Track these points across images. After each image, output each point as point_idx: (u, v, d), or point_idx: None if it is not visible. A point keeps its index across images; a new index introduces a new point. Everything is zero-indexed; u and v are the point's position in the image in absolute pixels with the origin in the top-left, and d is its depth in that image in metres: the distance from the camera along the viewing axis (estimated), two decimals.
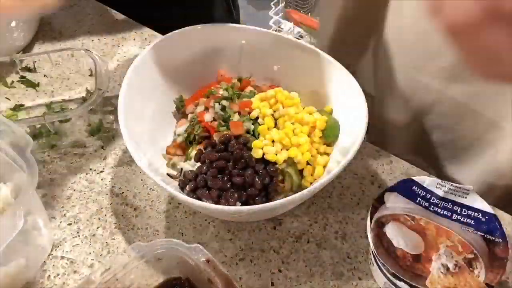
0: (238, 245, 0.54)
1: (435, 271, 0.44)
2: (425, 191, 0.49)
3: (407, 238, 0.46)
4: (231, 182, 0.51)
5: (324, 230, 0.55)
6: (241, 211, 0.47)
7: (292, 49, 0.59)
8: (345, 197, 0.58)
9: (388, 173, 0.61)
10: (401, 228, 0.47)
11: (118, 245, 0.54)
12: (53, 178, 0.61)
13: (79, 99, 0.69)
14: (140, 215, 0.57)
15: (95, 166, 0.62)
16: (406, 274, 0.44)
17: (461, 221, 0.47)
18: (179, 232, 0.55)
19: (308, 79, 0.60)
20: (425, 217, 0.48)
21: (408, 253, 0.45)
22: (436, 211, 0.48)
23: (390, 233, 0.47)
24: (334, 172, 0.47)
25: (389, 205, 0.49)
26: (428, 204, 0.49)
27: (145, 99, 0.56)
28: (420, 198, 0.49)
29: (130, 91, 0.54)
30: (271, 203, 0.46)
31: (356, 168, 0.61)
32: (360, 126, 0.51)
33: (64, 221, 0.56)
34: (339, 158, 0.53)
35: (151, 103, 0.58)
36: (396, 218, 0.48)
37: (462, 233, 0.46)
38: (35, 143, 0.62)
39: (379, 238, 0.47)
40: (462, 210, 0.48)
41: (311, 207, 0.57)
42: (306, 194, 0.46)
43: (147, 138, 0.55)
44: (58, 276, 0.52)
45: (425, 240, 0.46)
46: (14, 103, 0.67)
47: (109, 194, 0.59)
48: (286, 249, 0.54)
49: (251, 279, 0.51)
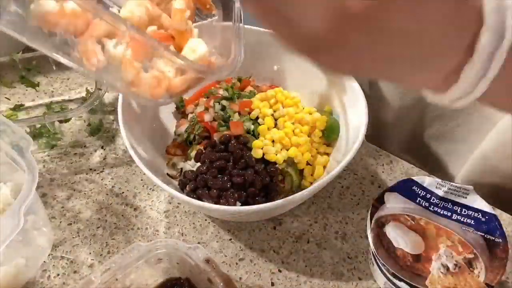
0: (238, 245, 0.54)
1: (435, 271, 0.44)
2: (425, 191, 0.49)
3: (407, 238, 0.46)
4: (231, 182, 0.51)
5: (324, 230, 0.55)
6: (241, 211, 0.47)
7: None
8: (345, 197, 0.58)
9: (388, 173, 0.61)
10: (401, 228, 0.47)
11: (118, 245, 0.54)
12: (53, 178, 0.61)
13: (79, 99, 0.69)
14: (140, 215, 0.57)
15: (95, 166, 0.62)
16: (406, 274, 0.44)
17: (461, 221, 0.47)
18: (179, 232, 0.55)
19: (308, 79, 0.60)
20: (425, 217, 0.48)
21: (408, 253, 0.45)
22: (436, 211, 0.48)
23: (390, 233, 0.47)
24: (334, 172, 0.47)
25: (389, 205, 0.49)
26: (428, 204, 0.49)
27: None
28: (420, 198, 0.49)
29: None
30: (271, 203, 0.46)
31: (356, 168, 0.61)
32: (360, 126, 0.51)
33: (64, 221, 0.56)
34: (339, 158, 0.53)
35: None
36: (396, 218, 0.48)
37: (462, 233, 0.46)
38: (35, 143, 0.62)
39: (379, 238, 0.47)
40: (462, 210, 0.48)
41: (311, 207, 0.57)
42: (306, 194, 0.46)
43: (147, 138, 0.55)
44: (58, 276, 0.52)
45: (425, 240, 0.46)
46: (14, 103, 0.68)
47: (109, 194, 0.59)
48: (286, 249, 0.54)
49: (251, 279, 0.51)
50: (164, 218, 0.57)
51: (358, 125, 0.51)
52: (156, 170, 0.53)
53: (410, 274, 0.44)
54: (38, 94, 0.69)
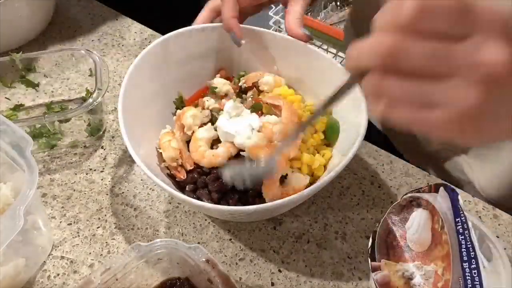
0: (238, 245, 0.54)
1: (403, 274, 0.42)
2: (465, 220, 0.43)
3: (423, 232, 0.44)
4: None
5: (324, 230, 0.55)
6: (242, 211, 0.47)
7: (291, 49, 0.59)
8: (345, 197, 0.58)
9: (388, 173, 0.61)
10: (427, 221, 0.44)
11: (118, 245, 0.54)
12: (53, 178, 0.61)
13: (79, 99, 0.69)
14: (140, 215, 0.57)
15: (95, 166, 0.62)
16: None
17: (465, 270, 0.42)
18: (179, 232, 0.55)
19: (308, 79, 0.60)
20: (451, 238, 0.43)
21: (405, 242, 0.44)
22: (460, 242, 0.42)
23: (415, 217, 0.44)
24: (333, 173, 0.47)
25: (439, 198, 0.45)
26: (462, 231, 0.43)
27: (145, 99, 0.56)
28: (461, 220, 0.43)
29: (130, 91, 0.54)
30: (271, 203, 0.46)
31: (356, 168, 0.61)
32: (360, 126, 0.51)
33: (64, 221, 0.56)
34: (339, 158, 0.53)
35: (151, 103, 0.58)
36: (433, 213, 0.44)
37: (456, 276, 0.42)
38: (35, 143, 0.62)
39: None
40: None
41: (311, 207, 0.57)
42: (306, 194, 0.46)
43: (147, 138, 0.55)
44: (58, 276, 0.52)
45: (430, 249, 0.44)
46: (14, 103, 0.68)
47: (109, 194, 0.59)
48: (286, 249, 0.54)
49: (251, 279, 0.51)
50: (164, 218, 0.57)
51: (358, 125, 0.51)
52: (155, 170, 0.53)
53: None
54: (38, 94, 0.69)
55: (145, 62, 0.57)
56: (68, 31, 0.80)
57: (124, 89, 0.53)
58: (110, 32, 0.80)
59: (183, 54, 0.60)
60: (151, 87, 0.58)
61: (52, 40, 0.79)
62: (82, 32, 0.80)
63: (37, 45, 0.77)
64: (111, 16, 0.83)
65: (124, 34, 0.80)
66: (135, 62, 0.56)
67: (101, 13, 0.84)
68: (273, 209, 0.50)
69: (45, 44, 0.78)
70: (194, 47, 0.60)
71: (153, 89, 0.58)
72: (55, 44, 0.78)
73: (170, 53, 0.59)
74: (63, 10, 0.84)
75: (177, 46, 0.59)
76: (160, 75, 0.58)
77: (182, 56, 0.60)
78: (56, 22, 0.81)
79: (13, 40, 0.74)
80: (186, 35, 0.59)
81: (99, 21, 0.82)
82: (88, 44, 0.78)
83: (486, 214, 0.57)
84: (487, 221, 0.56)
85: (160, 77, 0.59)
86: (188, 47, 0.60)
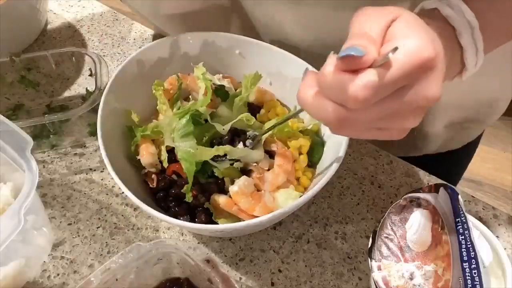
0: (238, 245, 0.54)
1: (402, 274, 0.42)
2: (465, 220, 0.43)
3: (423, 232, 0.44)
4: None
5: (324, 230, 0.55)
6: (236, 227, 0.47)
7: (284, 62, 0.58)
8: (345, 197, 0.58)
9: (388, 173, 0.61)
10: (427, 222, 0.44)
11: (118, 245, 0.54)
12: (53, 178, 0.61)
13: (79, 99, 0.69)
14: (140, 215, 0.57)
15: (95, 166, 0.62)
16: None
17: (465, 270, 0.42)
18: (179, 232, 0.55)
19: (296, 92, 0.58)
20: (451, 238, 0.43)
21: (405, 242, 0.44)
22: (461, 243, 0.42)
23: (415, 217, 0.44)
24: (306, 196, 0.46)
25: (439, 198, 0.45)
26: (462, 231, 0.43)
27: (129, 107, 0.56)
28: (461, 219, 0.43)
29: (112, 95, 0.53)
30: (267, 216, 0.45)
31: (356, 168, 0.61)
32: (341, 145, 0.49)
33: (64, 221, 0.56)
34: (319, 179, 0.50)
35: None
36: (433, 213, 0.44)
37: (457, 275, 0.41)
38: (35, 143, 0.61)
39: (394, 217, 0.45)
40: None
41: (311, 207, 0.57)
42: (301, 201, 0.46)
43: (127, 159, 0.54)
44: (58, 276, 0.52)
45: (430, 249, 0.43)
46: (14, 103, 0.68)
47: (109, 194, 0.59)
48: (286, 249, 0.54)
49: (251, 279, 0.51)
50: None
51: (339, 143, 0.50)
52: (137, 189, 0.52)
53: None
54: (38, 94, 0.69)
55: (133, 66, 0.56)
56: (68, 31, 0.80)
57: (106, 92, 0.53)
58: (110, 32, 0.80)
59: (174, 61, 0.59)
60: (135, 95, 0.57)
61: (52, 40, 0.79)
62: (82, 32, 0.80)
63: (37, 45, 0.77)
64: (111, 16, 0.83)
65: (124, 34, 0.80)
66: (121, 67, 0.55)
67: (101, 13, 0.84)
68: (268, 222, 0.48)
69: (45, 44, 0.78)
70: (185, 54, 0.59)
71: (137, 96, 0.57)
72: (55, 44, 0.78)
73: (159, 60, 0.58)
74: (62, 10, 0.84)
75: (167, 52, 0.58)
76: (145, 82, 0.56)
77: (172, 63, 0.59)
78: (56, 22, 0.81)
79: (13, 43, 0.74)
80: (178, 42, 0.58)
81: (99, 21, 0.82)
82: (88, 44, 0.78)
83: (486, 214, 0.57)
84: (487, 221, 0.56)
85: (145, 84, 0.56)
86: (179, 54, 0.59)
